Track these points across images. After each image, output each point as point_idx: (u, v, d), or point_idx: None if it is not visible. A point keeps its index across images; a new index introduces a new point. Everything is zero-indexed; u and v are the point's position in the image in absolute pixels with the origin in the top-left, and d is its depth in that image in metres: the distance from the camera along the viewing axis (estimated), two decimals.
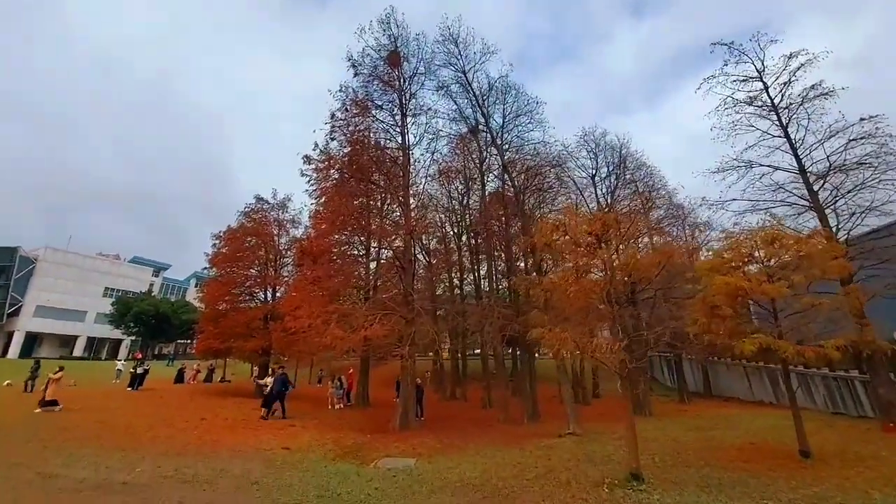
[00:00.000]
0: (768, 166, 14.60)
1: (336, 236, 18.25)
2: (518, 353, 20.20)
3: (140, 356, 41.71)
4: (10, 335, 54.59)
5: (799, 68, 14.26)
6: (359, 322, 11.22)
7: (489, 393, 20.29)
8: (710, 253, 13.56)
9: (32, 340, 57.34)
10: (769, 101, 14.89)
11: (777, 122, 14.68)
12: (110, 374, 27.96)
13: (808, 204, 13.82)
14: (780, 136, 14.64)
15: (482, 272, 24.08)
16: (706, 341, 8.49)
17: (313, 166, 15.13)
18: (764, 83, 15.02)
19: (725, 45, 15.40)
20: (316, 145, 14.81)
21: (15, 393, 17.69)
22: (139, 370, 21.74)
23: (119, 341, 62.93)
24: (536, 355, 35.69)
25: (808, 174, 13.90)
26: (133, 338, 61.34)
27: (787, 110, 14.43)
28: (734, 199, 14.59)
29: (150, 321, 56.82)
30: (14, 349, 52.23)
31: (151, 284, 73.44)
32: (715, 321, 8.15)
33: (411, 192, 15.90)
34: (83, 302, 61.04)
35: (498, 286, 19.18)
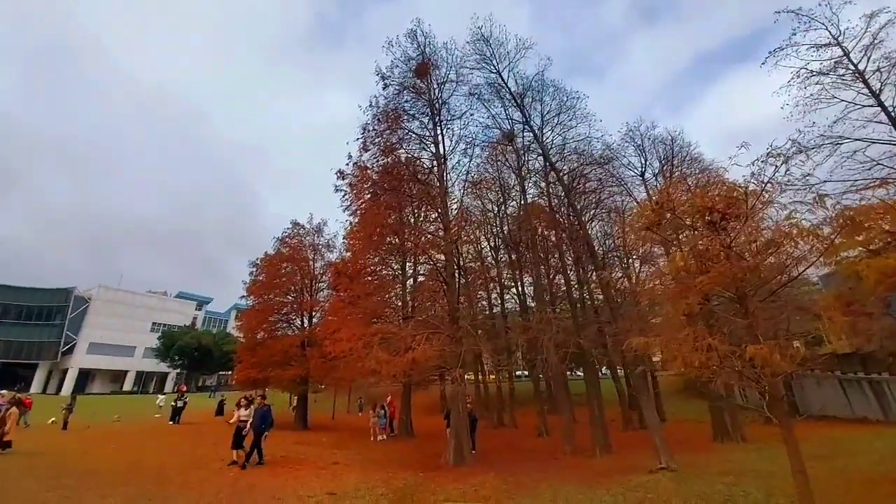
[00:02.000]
0: (862, 139, 12.52)
1: (371, 255, 17.38)
2: (579, 372, 18.15)
3: (184, 389, 42.07)
4: (64, 372, 56.99)
5: (882, 28, 12.35)
6: (404, 343, 9.97)
7: (544, 419, 18.32)
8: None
9: (85, 377, 59.65)
10: (852, 67, 12.95)
11: (866, 91, 12.68)
12: (154, 408, 27.88)
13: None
14: (870, 106, 12.61)
15: (526, 285, 22.49)
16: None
17: (347, 181, 14.41)
18: (843, 49, 13.12)
19: (792, 11, 13.69)
20: (349, 157, 14.12)
21: (56, 430, 17.42)
22: (178, 403, 21.30)
23: (165, 375, 64.57)
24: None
25: None
26: (178, 371, 62.78)
27: (877, 74, 12.43)
28: (826, 181, 12.49)
29: (193, 353, 58.03)
30: (68, 385, 54.30)
31: (195, 318, 75.79)
32: (861, 320, 6.32)
33: (448, 201, 14.83)
34: (132, 338, 63.37)
35: (554, 297, 17.43)
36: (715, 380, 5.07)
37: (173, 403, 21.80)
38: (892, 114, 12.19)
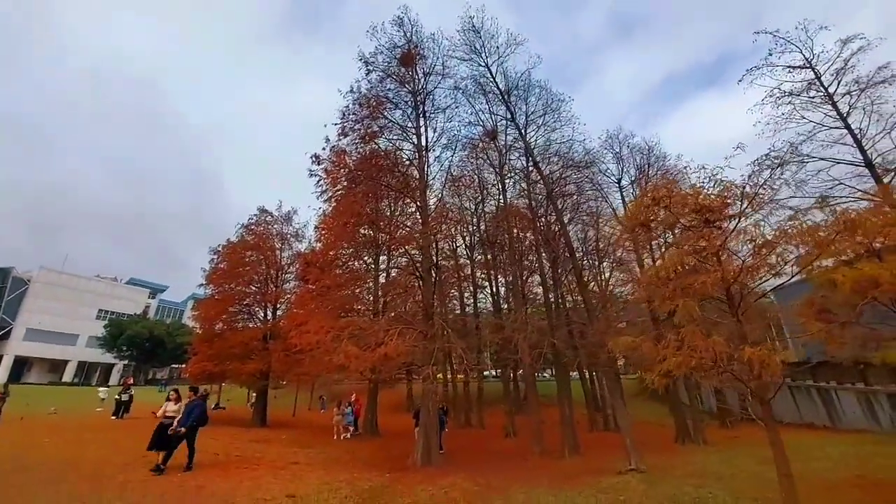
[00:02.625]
0: (827, 159, 13.15)
1: (344, 245, 16.69)
2: (545, 374, 18.16)
3: (130, 381, 39.33)
4: None
5: (854, 54, 13.04)
6: (375, 338, 9.46)
7: (512, 420, 18.22)
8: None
9: (21, 365, 54.91)
10: (823, 90, 13.60)
11: (834, 113, 13.34)
12: (96, 400, 25.80)
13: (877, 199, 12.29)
14: (837, 128, 13.28)
15: (499, 285, 22.38)
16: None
17: (322, 166, 13.70)
18: (815, 71, 13.77)
19: (770, 33, 14.23)
20: (327, 140, 13.42)
21: None
22: (123, 397, 19.74)
23: (111, 366, 60.41)
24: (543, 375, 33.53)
25: (876, 167, 12.44)
26: (125, 362, 58.85)
27: (846, 97, 13.09)
28: (792, 196, 13.03)
29: (144, 344, 54.59)
30: (2, 373, 49.74)
31: (147, 306, 71.48)
32: (834, 328, 6.42)
33: (429, 194, 14.43)
34: (75, 325, 58.89)
35: (526, 298, 17.29)
36: (691, 380, 4.91)
37: (117, 397, 20.19)
38: (858, 136, 12.88)
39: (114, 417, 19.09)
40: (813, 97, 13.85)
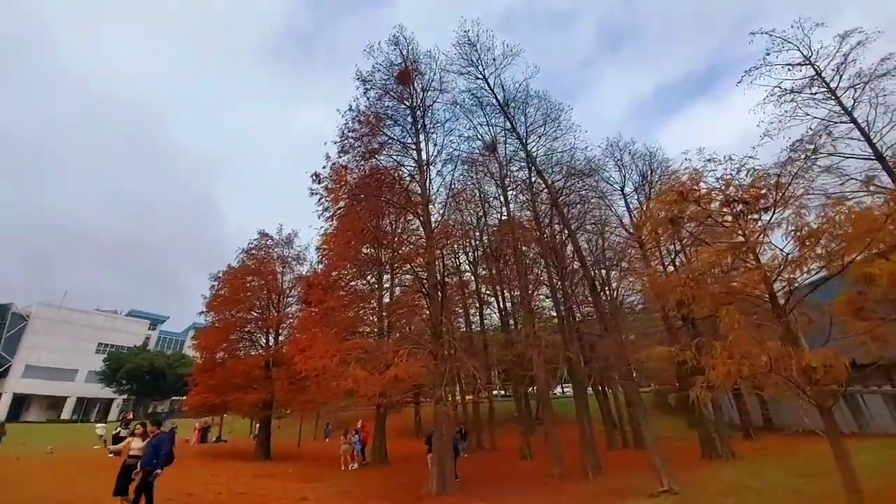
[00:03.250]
0: (835, 154, 12.91)
1: (346, 265, 16.33)
2: (556, 390, 17.43)
3: (130, 416, 38.24)
4: None
5: (853, 48, 12.96)
6: (385, 359, 8.95)
7: (528, 441, 17.42)
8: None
9: (20, 403, 53.68)
10: (825, 85, 13.48)
11: (839, 108, 13.17)
12: (94, 437, 24.87)
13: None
14: (843, 122, 13.10)
15: (505, 300, 21.88)
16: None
17: (323, 185, 13.45)
18: (815, 68, 13.67)
19: (766, 33, 14.21)
20: (328, 158, 13.21)
21: None
22: (123, 433, 18.94)
23: (111, 401, 59.10)
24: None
25: (887, 160, 12.17)
26: (125, 396, 57.55)
27: (850, 91, 12.94)
28: (805, 194, 12.70)
29: (144, 377, 53.49)
30: (0, 412, 48.50)
31: (147, 338, 70.50)
32: (877, 325, 5.98)
33: (431, 210, 14.15)
34: (75, 360, 57.90)
35: (534, 312, 16.77)
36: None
37: (115, 432, 19.37)
38: (866, 130, 12.67)
39: (111, 456, 18.28)
40: (815, 93, 13.72)
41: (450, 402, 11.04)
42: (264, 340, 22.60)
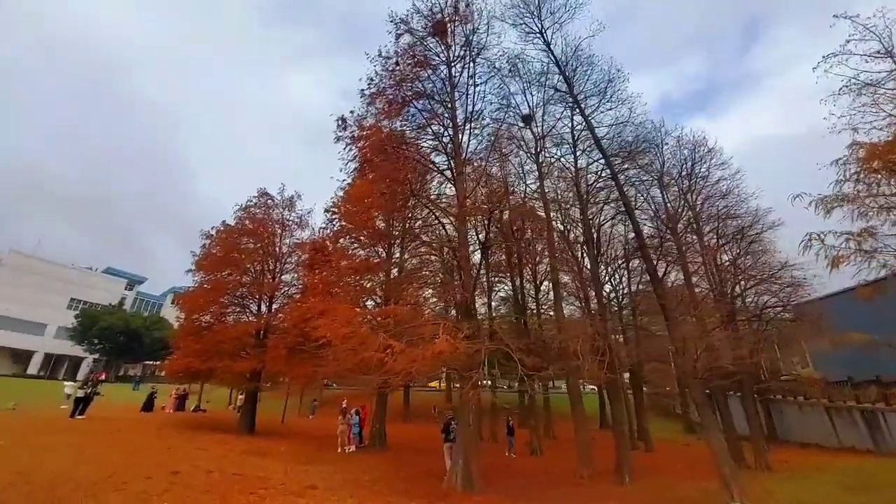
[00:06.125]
0: None
1: (376, 216, 14.75)
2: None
3: (102, 377, 36.18)
4: None
5: None
6: (427, 332, 7.52)
7: (538, 436, 16.33)
8: None
9: None
10: None
11: None
12: (61, 396, 22.98)
13: None
14: None
15: (525, 281, 20.64)
16: None
17: (349, 132, 11.77)
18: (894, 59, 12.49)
19: (849, 18, 12.93)
20: (362, 92, 11.50)
21: None
22: (88, 391, 17.21)
23: (81, 360, 56.37)
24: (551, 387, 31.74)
25: None
26: (96, 356, 54.95)
27: None
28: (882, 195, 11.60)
29: (119, 338, 51.05)
30: None
31: (123, 298, 67.46)
32: None
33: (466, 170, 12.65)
34: (43, 313, 54.80)
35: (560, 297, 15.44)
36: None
37: (78, 392, 17.58)
38: None
39: (74, 417, 16.51)
40: (894, 89, 12.56)
41: (483, 388, 9.65)
42: (256, 307, 20.91)
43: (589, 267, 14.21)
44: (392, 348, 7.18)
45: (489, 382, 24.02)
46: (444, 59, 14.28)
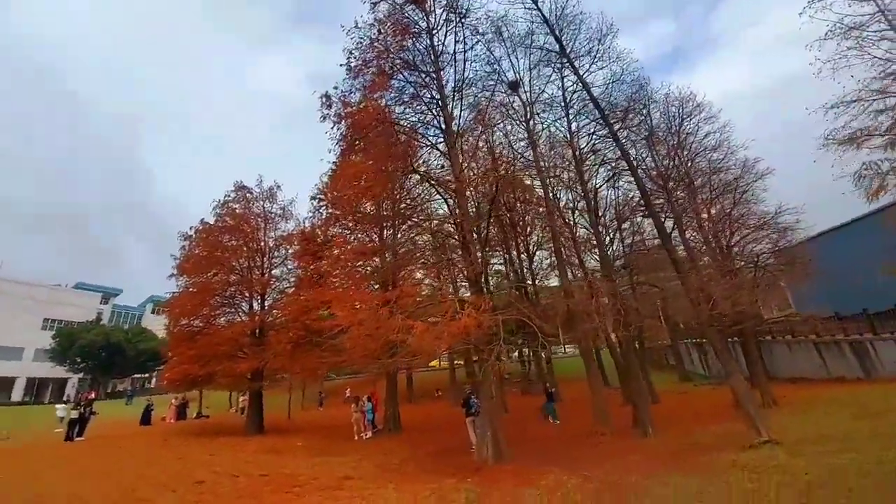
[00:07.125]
0: None
1: (348, 219, 14.24)
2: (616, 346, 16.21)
3: (92, 396, 34.83)
4: None
5: None
6: (450, 308, 7.26)
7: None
8: None
9: None
10: (886, 22, 12.39)
11: None
12: (54, 420, 21.99)
13: None
14: None
15: (521, 251, 20.57)
16: None
17: (334, 110, 11.11)
18: (878, 4, 12.50)
19: None
20: (347, 65, 10.80)
21: None
22: (84, 412, 16.40)
23: (65, 381, 54.22)
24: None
25: None
26: (80, 375, 52.90)
27: None
28: (871, 135, 11.81)
29: (100, 353, 49.08)
30: None
31: (100, 313, 64.77)
32: None
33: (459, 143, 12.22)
34: (18, 337, 52.06)
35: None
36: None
37: (74, 413, 16.62)
38: None
39: (69, 441, 15.53)
40: (878, 31, 12.63)
41: (504, 362, 9.56)
42: (248, 306, 20.23)
43: (584, 230, 14.14)
44: (414, 328, 6.93)
45: (514, 353, 24.47)
46: (424, 27, 13.59)
